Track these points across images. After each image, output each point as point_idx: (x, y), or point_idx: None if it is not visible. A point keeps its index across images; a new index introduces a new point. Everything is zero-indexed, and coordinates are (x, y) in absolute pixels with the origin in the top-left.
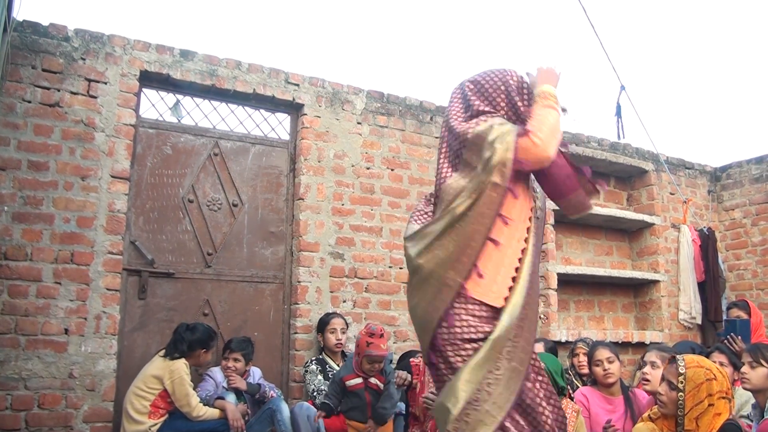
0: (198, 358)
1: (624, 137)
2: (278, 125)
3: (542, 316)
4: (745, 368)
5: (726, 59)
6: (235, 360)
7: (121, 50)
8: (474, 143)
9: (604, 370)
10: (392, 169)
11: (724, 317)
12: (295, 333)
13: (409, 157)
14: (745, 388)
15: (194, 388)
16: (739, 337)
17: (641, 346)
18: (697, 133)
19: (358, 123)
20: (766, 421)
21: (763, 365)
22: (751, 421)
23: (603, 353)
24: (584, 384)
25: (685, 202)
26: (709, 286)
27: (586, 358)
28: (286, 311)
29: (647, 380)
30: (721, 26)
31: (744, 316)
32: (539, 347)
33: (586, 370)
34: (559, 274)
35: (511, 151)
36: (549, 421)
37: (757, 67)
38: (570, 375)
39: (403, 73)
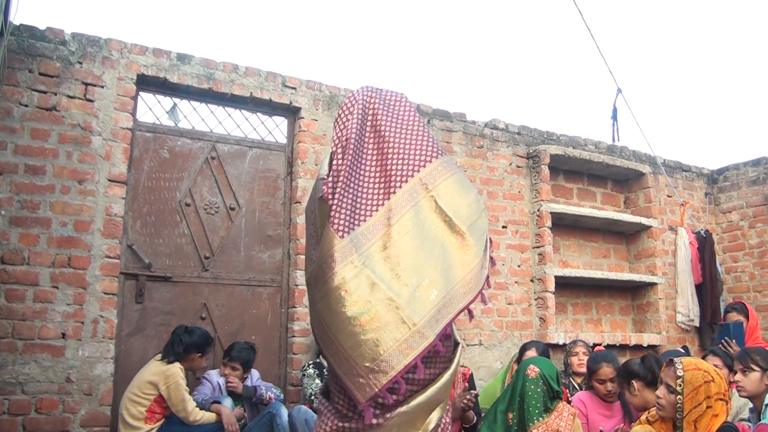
0: (193, 361)
1: (619, 140)
2: (275, 128)
3: (540, 318)
4: (738, 376)
5: (722, 62)
6: (233, 368)
7: (118, 54)
8: None
9: (607, 390)
10: None
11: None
12: (293, 336)
13: None
14: (741, 396)
15: (191, 392)
16: (734, 341)
17: (639, 349)
18: (693, 135)
19: None
20: (763, 425)
21: (754, 369)
22: (750, 423)
23: (608, 372)
24: (581, 383)
25: (683, 204)
26: (707, 288)
27: (585, 358)
28: (283, 315)
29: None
30: (718, 29)
31: (742, 319)
32: (532, 352)
33: (583, 369)
34: (556, 277)
35: None
36: None
37: (753, 70)
38: (566, 377)
39: (400, 76)
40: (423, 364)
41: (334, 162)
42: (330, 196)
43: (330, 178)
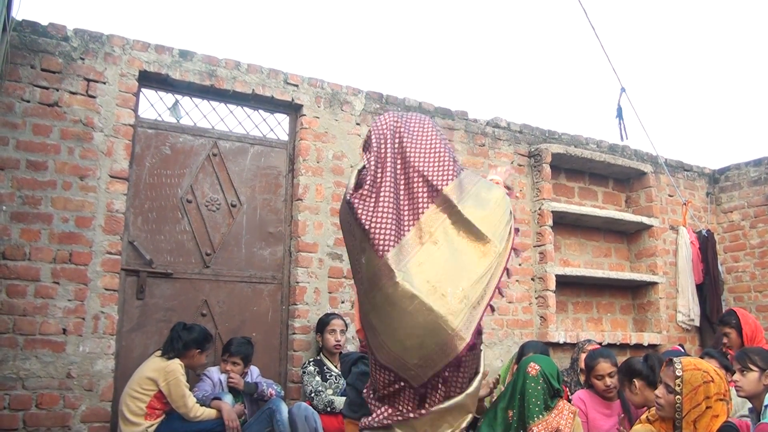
0: (192, 358)
1: (627, 138)
2: (277, 126)
3: (541, 317)
4: (736, 376)
5: (725, 62)
6: (234, 364)
7: (120, 50)
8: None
9: (606, 385)
10: None
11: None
12: (294, 334)
13: None
14: (740, 396)
15: (191, 389)
16: None
17: (639, 348)
18: (695, 135)
19: (357, 124)
20: (763, 424)
21: (752, 369)
22: (749, 420)
23: (605, 367)
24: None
25: (684, 204)
26: (709, 288)
27: None
28: (284, 312)
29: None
30: (721, 29)
31: (733, 334)
32: (531, 354)
33: None
34: (557, 276)
35: None
36: None
37: (755, 70)
38: (569, 376)
39: (402, 74)
40: (459, 365)
41: (368, 180)
42: (367, 220)
43: (359, 195)
